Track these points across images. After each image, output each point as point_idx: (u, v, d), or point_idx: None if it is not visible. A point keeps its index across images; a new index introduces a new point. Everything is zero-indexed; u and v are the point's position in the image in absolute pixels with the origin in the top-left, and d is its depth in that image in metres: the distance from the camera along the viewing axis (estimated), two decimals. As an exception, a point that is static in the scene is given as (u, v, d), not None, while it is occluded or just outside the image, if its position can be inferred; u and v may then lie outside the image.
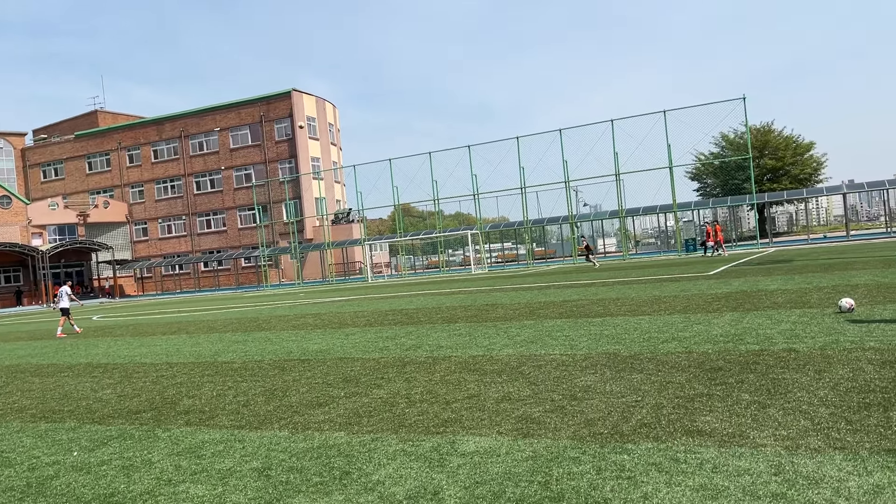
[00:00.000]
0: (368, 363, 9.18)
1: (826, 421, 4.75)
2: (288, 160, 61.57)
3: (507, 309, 15.01)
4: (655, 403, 5.63)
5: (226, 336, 14.91)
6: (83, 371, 11.21)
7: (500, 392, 6.60)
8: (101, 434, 6.45)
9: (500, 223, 54.38)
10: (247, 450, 5.42)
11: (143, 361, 11.74)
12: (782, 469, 3.93)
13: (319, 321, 16.47)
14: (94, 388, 9.32)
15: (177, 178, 66.52)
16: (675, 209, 42.14)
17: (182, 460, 5.29)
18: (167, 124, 66.67)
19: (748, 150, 41.74)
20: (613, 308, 13.21)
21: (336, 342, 11.88)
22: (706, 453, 4.31)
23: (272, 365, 9.87)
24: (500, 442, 4.97)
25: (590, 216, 50.39)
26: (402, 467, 4.60)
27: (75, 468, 5.36)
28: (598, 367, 7.37)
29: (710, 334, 8.92)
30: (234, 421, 6.48)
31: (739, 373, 6.48)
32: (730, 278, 17.97)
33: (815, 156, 59.24)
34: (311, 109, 63.20)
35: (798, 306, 10.95)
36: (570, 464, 4.35)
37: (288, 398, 7.31)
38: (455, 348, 9.79)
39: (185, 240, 66.65)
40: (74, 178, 70.54)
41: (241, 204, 63.78)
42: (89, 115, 74.69)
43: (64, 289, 21.42)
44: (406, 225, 62.05)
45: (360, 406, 6.58)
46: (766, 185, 57.07)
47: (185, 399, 7.84)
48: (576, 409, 5.67)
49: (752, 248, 39.28)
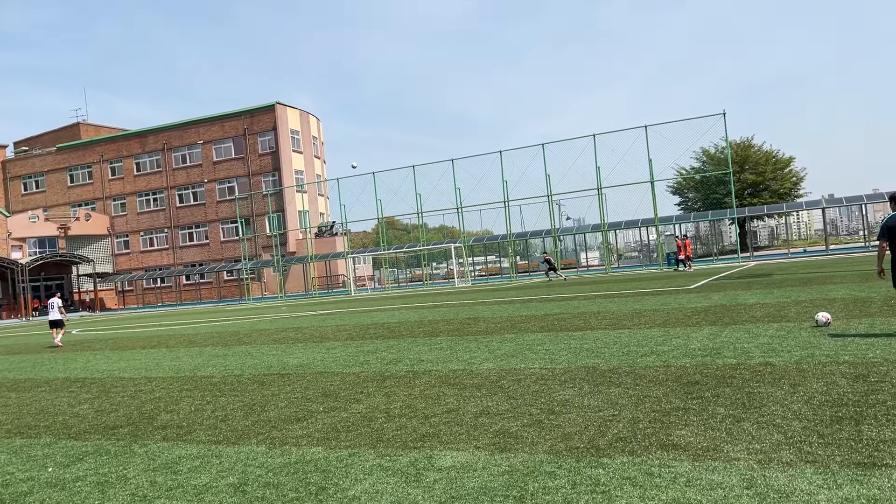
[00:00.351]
0: (348, 377, 9.16)
1: (799, 434, 4.81)
2: (271, 173, 61.44)
3: (489, 322, 15.04)
4: (632, 417, 5.67)
5: (206, 350, 14.81)
6: (61, 386, 11.09)
7: (479, 406, 6.62)
8: (77, 450, 6.39)
9: (483, 236, 54.52)
10: (223, 465, 5.39)
11: (121, 376, 11.64)
12: (754, 483, 3.98)
13: (301, 335, 16.41)
14: (72, 402, 9.22)
15: (159, 191, 66.13)
16: (657, 223, 42.48)
17: (158, 476, 5.26)
18: (150, 137, 66.34)
19: (728, 165, 42.21)
20: (594, 322, 13.28)
21: (317, 356, 11.84)
22: (680, 467, 4.35)
23: (252, 379, 9.82)
24: (477, 457, 4.98)
25: (572, 230, 50.66)
26: (378, 482, 4.60)
27: (49, 484, 5.31)
28: (577, 381, 7.41)
29: (689, 348, 9.00)
30: (211, 436, 6.44)
31: (716, 387, 6.54)
32: (710, 292, 18.13)
33: (795, 170, 59.98)
34: (295, 122, 63.18)
35: (776, 320, 11.07)
36: (545, 478, 4.37)
37: (266, 413, 7.28)
38: (436, 362, 9.80)
39: (168, 253, 66.18)
40: (56, 190, 69.92)
41: (224, 217, 63.49)
42: (71, 127, 74.18)
43: (54, 300, 21.22)
44: (390, 238, 62.01)
45: (338, 421, 6.57)
46: (746, 199, 57.66)
47: (162, 414, 7.78)
48: (553, 424, 5.70)
49: (732, 262, 39.64)
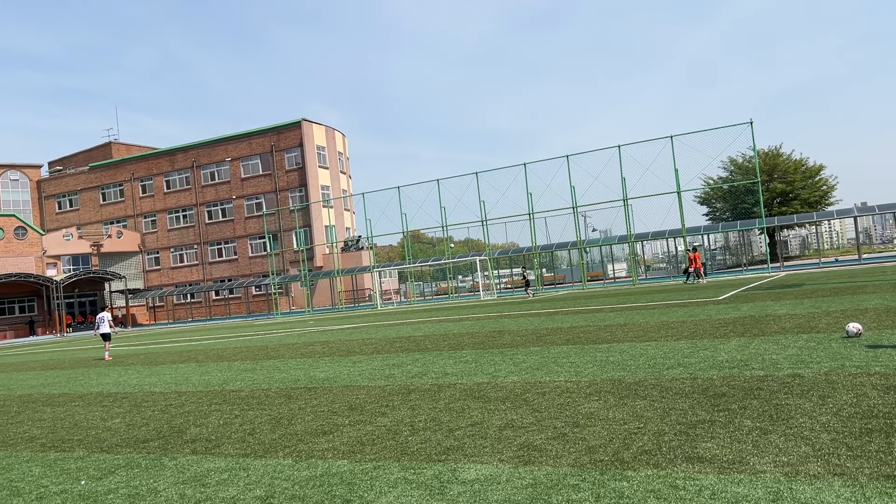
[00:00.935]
0: (374, 391, 9.22)
1: (827, 447, 4.76)
2: (298, 189, 62.06)
3: (514, 335, 15.02)
4: (657, 430, 5.64)
5: (235, 364, 14.98)
6: (94, 400, 11.30)
7: (504, 419, 6.62)
8: (109, 463, 6.52)
9: (508, 249, 54.43)
10: (251, 478, 5.46)
11: (152, 390, 11.82)
12: (780, 496, 3.94)
13: (327, 349, 16.52)
14: (104, 417, 9.39)
15: (189, 208, 67.12)
16: (685, 234, 42.09)
17: (187, 489, 5.34)
18: (179, 155, 67.46)
19: (757, 174, 41.74)
20: (620, 334, 13.20)
21: (343, 370, 11.92)
22: (705, 480, 4.33)
23: (279, 393, 9.92)
24: (500, 469, 4.99)
25: (599, 241, 50.37)
26: (402, 495, 4.64)
27: (82, 497, 5.42)
28: (602, 394, 7.38)
29: (716, 360, 8.92)
30: (239, 449, 6.53)
31: (743, 399, 6.48)
32: (739, 303, 17.92)
33: (825, 179, 59.13)
34: (321, 138, 63.83)
35: (806, 331, 10.92)
36: (569, 491, 4.37)
37: (293, 426, 7.35)
38: (460, 375, 9.81)
39: (197, 269, 67.04)
40: (88, 208, 71.31)
41: (252, 233, 64.20)
42: (103, 146, 75.70)
43: (104, 315, 21.94)
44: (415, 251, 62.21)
45: (363, 434, 6.62)
46: (776, 208, 56.94)
47: (192, 427, 7.90)
48: (578, 437, 5.69)
49: (762, 273, 39.10)
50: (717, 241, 59.97)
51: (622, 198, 42.23)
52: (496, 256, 51.90)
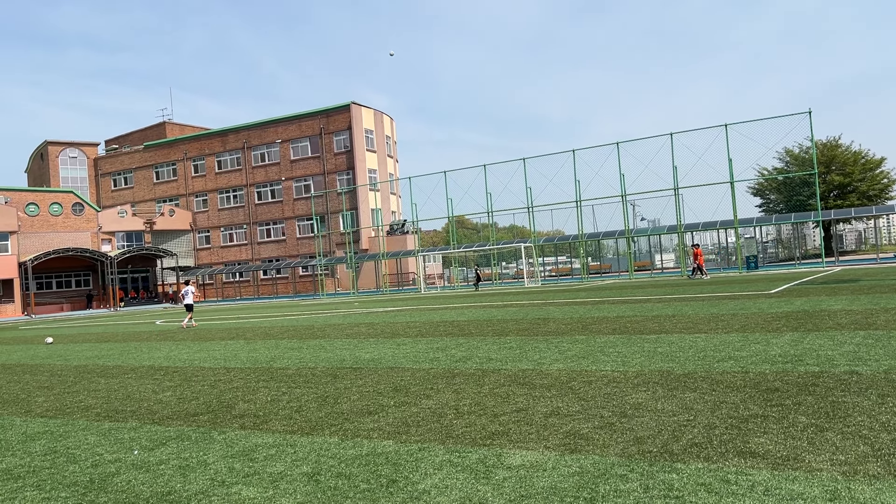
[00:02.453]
0: (418, 373, 9.25)
1: (887, 447, 4.60)
2: (346, 172, 62.54)
3: (559, 323, 14.91)
4: (708, 423, 5.53)
5: (282, 343, 15.22)
6: (146, 373, 11.61)
7: (549, 407, 6.58)
8: (161, 434, 6.68)
9: (554, 237, 54.00)
10: (298, 454, 5.54)
11: (202, 366, 12.08)
12: (838, 495, 3.82)
13: (372, 330, 16.66)
14: (156, 389, 9.64)
15: (239, 189, 68.26)
16: (736, 225, 41.14)
17: (236, 462, 5.44)
18: (231, 136, 68.57)
19: (814, 166, 40.50)
20: (668, 325, 12.99)
21: (387, 351, 12.00)
22: (758, 475, 4.22)
23: (325, 372, 10.03)
24: (546, 456, 4.96)
25: (647, 231, 49.60)
26: (448, 478, 4.64)
27: (135, 466, 5.57)
28: (651, 385, 7.27)
29: (768, 354, 8.70)
30: (286, 426, 6.62)
31: (797, 394, 6.31)
32: (791, 297, 17.46)
33: (886, 171, 57.06)
34: (370, 122, 64.13)
35: (863, 328, 10.57)
36: (617, 481, 4.31)
37: (339, 405, 7.43)
38: (505, 361, 9.78)
39: (246, 248, 68.26)
40: (142, 186, 73.11)
41: (300, 214, 65.01)
42: (157, 126, 77.44)
43: (190, 287, 24.21)
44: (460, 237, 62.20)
45: (408, 415, 6.65)
46: (832, 201, 55.23)
47: (240, 403, 8.04)
48: (625, 427, 5.62)
49: (816, 267, 38.03)
50: (769, 233, 58.51)
51: (673, 187, 41.46)
52: (541, 244, 51.56)
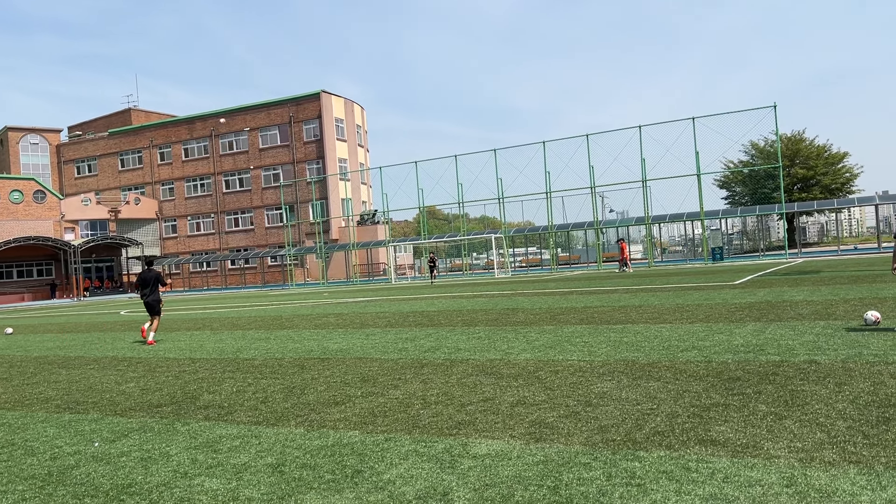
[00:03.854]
0: (387, 364, 9.24)
1: (843, 434, 4.70)
2: (315, 161, 62.07)
3: (528, 314, 15.00)
4: (670, 412, 5.61)
5: (249, 333, 15.08)
6: (109, 364, 11.42)
7: (516, 396, 6.61)
8: (123, 426, 6.58)
9: (524, 227, 54.25)
10: (262, 445, 5.50)
11: (166, 356, 11.93)
12: (794, 481, 3.90)
13: (341, 321, 16.59)
14: (119, 381, 9.49)
15: (206, 177, 67.38)
16: (703, 217, 41.72)
17: (199, 454, 5.38)
18: (198, 123, 67.58)
19: (778, 159, 41.21)
20: (635, 315, 13.14)
21: (356, 342, 11.97)
22: (718, 463, 4.29)
23: (292, 363, 9.97)
24: (512, 445, 4.98)
25: (616, 222, 50.07)
26: (413, 467, 4.64)
27: (95, 458, 5.48)
28: (616, 374, 7.35)
29: (731, 344, 8.85)
30: (251, 417, 6.57)
31: (758, 383, 6.42)
32: (755, 288, 17.77)
33: (849, 166, 58.26)
34: (340, 111, 63.66)
35: (823, 318, 10.80)
36: (580, 469, 4.35)
37: (306, 396, 7.39)
38: (473, 351, 9.81)
39: (214, 237, 67.47)
40: (107, 174, 71.78)
41: (269, 203, 64.41)
42: (123, 113, 76.02)
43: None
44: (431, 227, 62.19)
45: (375, 406, 6.64)
46: (796, 194, 56.26)
47: (205, 394, 7.96)
48: (590, 416, 5.67)
49: (780, 258, 38.76)
50: (735, 225, 59.45)
51: (641, 179, 41.89)
52: (512, 235, 51.77)
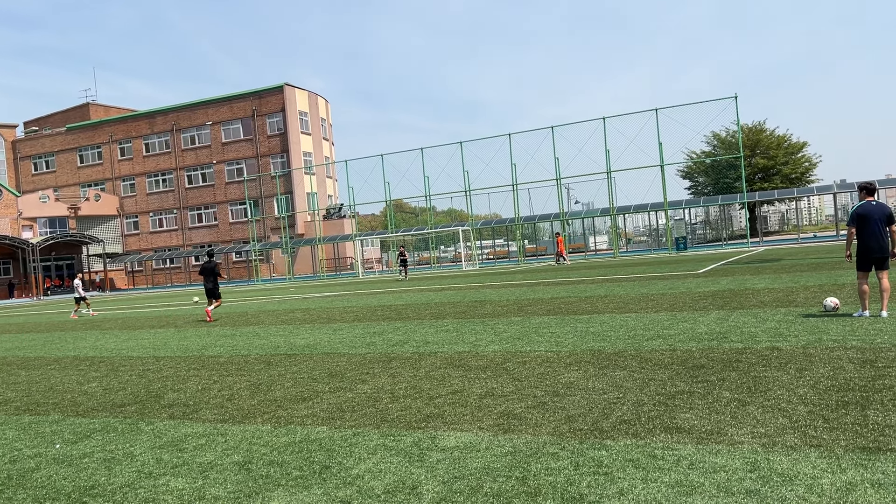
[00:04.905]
0: (354, 358, 9.20)
1: (804, 419, 4.80)
2: (280, 155, 61.43)
3: (496, 305, 15.04)
4: (636, 400, 5.67)
5: (214, 330, 14.88)
6: (70, 364, 11.18)
7: (484, 388, 6.63)
8: (85, 427, 6.45)
9: (491, 220, 54.42)
10: (229, 443, 5.42)
11: (130, 355, 11.72)
12: (758, 466, 3.97)
13: (308, 316, 16.47)
14: (80, 381, 9.30)
15: (168, 172, 66.26)
16: (666, 207, 42.25)
17: (164, 453, 5.30)
18: (159, 118, 66.38)
19: (739, 149, 41.89)
20: (601, 305, 13.26)
21: (323, 337, 11.88)
22: (683, 450, 4.35)
23: (258, 359, 9.87)
24: (480, 437, 4.99)
25: (581, 213, 50.48)
26: (381, 462, 4.62)
27: (57, 461, 5.36)
28: (583, 364, 7.41)
29: (695, 332, 8.98)
30: (217, 415, 6.48)
31: (722, 370, 6.52)
32: (718, 277, 18.06)
33: (808, 155, 59.46)
34: (304, 104, 63.06)
35: (784, 305, 11.02)
36: (548, 459, 4.38)
37: (272, 392, 7.32)
38: (441, 344, 9.81)
39: (177, 234, 66.44)
40: (66, 170, 70.17)
41: (233, 198, 63.60)
42: (81, 107, 74.26)
43: (76, 281, 25.92)
44: (398, 221, 62.01)
45: (343, 401, 6.60)
46: (757, 184, 57.27)
47: (170, 393, 7.83)
48: (557, 406, 5.70)
49: (742, 247, 39.46)
50: (698, 215, 60.34)
51: (606, 170, 42.24)
52: (479, 227, 51.88)
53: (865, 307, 9.31)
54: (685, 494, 3.65)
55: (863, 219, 9.29)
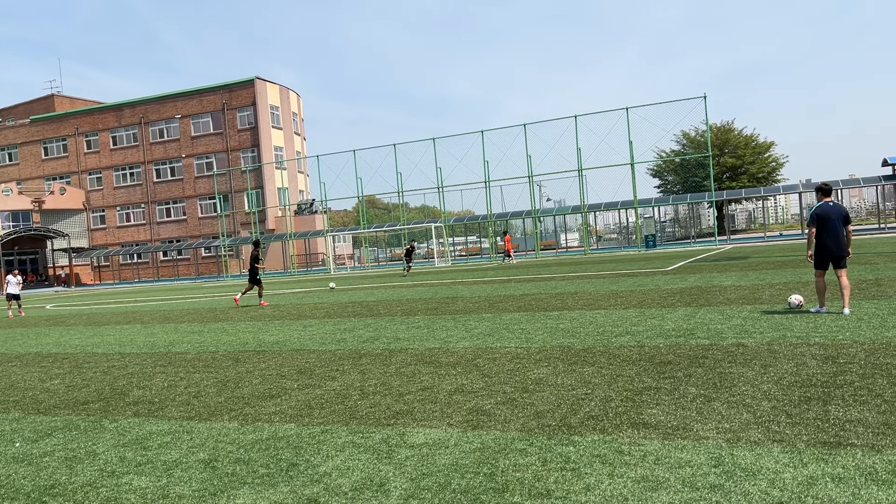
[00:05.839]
0: (324, 355, 9.14)
1: (768, 414, 4.87)
2: (250, 149, 60.79)
3: (467, 302, 15.06)
4: (604, 396, 5.71)
5: (181, 326, 14.69)
6: (32, 361, 10.96)
7: (454, 384, 6.62)
8: (46, 425, 6.32)
9: (464, 217, 54.48)
10: (194, 441, 5.35)
11: (94, 351, 11.51)
12: (722, 461, 4.02)
13: (278, 313, 16.33)
14: (43, 377, 9.11)
15: (136, 166, 65.23)
16: (636, 205, 42.67)
17: (127, 452, 5.21)
18: (127, 110, 65.28)
19: (708, 148, 42.43)
20: (571, 302, 13.34)
21: (293, 334, 11.79)
22: (650, 445, 4.38)
23: (227, 356, 9.76)
24: (449, 434, 4.99)
25: (552, 211, 50.75)
26: (349, 459, 4.59)
27: (16, 459, 5.24)
28: (552, 360, 7.44)
29: (663, 329, 9.07)
30: (183, 412, 6.39)
31: (688, 367, 6.60)
32: (686, 274, 18.28)
33: (775, 156, 60.45)
34: (275, 98, 62.48)
35: (750, 302, 11.18)
36: (516, 455, 4.39)
37: (240, 390, 7.24)
38: (412, 340, 9.79)
39: (144, 228, 65.45)
40: (29, 163, 68.71)
41: (202, 193, 62.82)
42: (45, 99, 72.71)
43: (13, 278, 24.71)
44: (370, 217, 61.79)
45: (312, 398, 6.55)
46: (725, 183, 58.09)
47: (135, 390, 7.71)
48: (526, 402, 5.72)
49: (710, 245, 39.99)
50: (667, 213, 61.03)
51: (577, 168, 42.52)
52: (451, 224, 51.90)
53: (823, 303, 9.55)
54: (651, 489, 3.68)
55: (822, 219, 9.54)
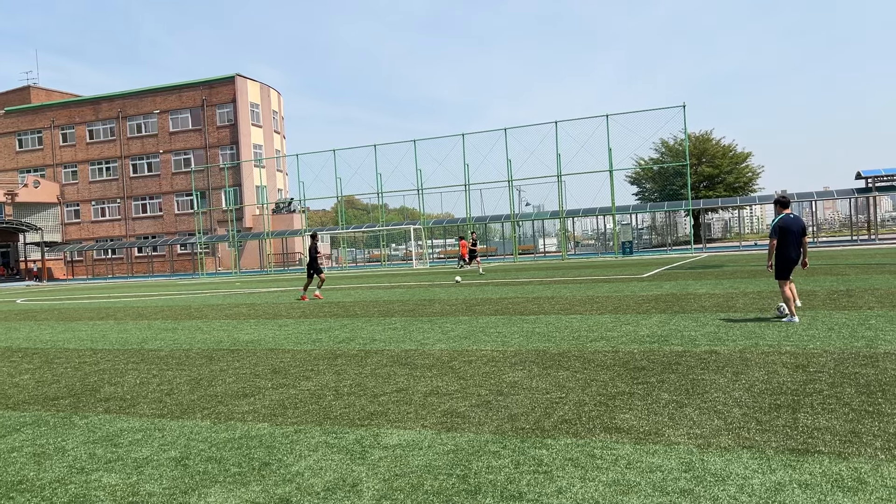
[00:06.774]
0: (299, 355, 9.09)
1: (738, 421, 4.93)
2: (229, 146, 60.34)
3: (445, 304, 15.07)
4: (578, 400, 5.75)
5: (155, 323, 14.54)
6: (1, 355, 10.78)
7: (429, 386, 6.63)
8: (14, 420, 6.22)
9: (443, 219, 54.51)
10: (166, 439, 5.30)
11: (66, 347, 11.36)
12: (692, 466, 4.06)
13: (253, 311, 16.22)
14: (12, 373, 8.97)
15: (112, 160, 64.45)
16: (614, 212, 42.99)
17: (97, 448, 5.15)
18: (104, 104, 64.49)
19: (686, 157, 42.87)
20: (547, 306, 13.40)
21: (268, 333, 11.72)
22: (622, 450, 4.42)
23: (200, 354, 9.67)
24: (423, 435, 4.99)
25: (531, 215, 50.95)
26: (322, 459, 4.58)
27: (-18, 455, 5.15)
28: (527, 364, 7.47)
29: (638, 335, 9.15)
30: (155, 409, 6.33)
31: (661, 372, 6.66)
32: (661, 281, 18.45)
33: (752, 166, 61.22)
34: (255, 95, 62.09)
35: (723, 310, 11.31)
36: (489, 458, 4.40)
37: (213, 388, 7.18)
38: (388, 342, 9.78)
39: (120, 224, 64.67)
40: (3, 155, 67.60)
41: (179, 189, 62.22)
42: (21, 90, 71.56)
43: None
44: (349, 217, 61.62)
45: (286, 398, 6.52)
46: (702, 191, 58.72)
47: (106, 386, 7.62)
48: (501, 405, 5.74)
49: (686, 253, 40.40)
50: (644, 220, 61.53)
51: (556, 174, 42.75)
52: (430, 226, 51.91)
53: (794, 312, 9.70)
54: (622, 493, 3.71)
55: (784, 231, 9.87)
